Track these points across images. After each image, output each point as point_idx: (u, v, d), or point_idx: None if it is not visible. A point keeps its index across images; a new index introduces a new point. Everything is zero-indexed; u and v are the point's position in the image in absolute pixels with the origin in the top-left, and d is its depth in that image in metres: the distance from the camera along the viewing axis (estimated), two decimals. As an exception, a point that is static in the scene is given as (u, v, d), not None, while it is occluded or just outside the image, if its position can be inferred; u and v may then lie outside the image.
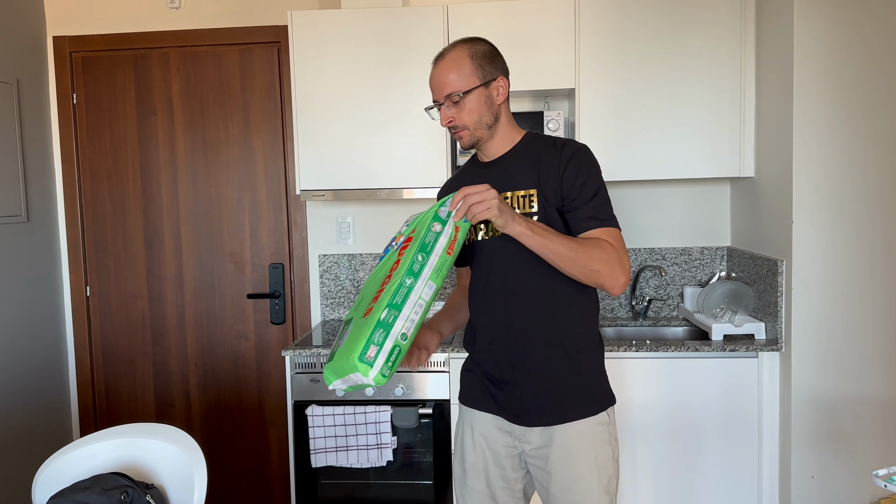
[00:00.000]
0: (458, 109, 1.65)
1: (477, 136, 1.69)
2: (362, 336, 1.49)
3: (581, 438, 1.68)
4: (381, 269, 1.64)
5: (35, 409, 3.08)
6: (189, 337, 3.25)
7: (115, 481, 1.68)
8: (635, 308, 3.05)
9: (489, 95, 1.67)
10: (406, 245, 1.59)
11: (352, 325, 1.59)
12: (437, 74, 1.66)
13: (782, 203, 2.49)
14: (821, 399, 2.44)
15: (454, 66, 1.65)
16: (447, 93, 1.65)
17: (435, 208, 1.59)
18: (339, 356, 1.54)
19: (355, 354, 1.48)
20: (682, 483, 2.57)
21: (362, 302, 1.62)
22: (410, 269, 1.53)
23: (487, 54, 1.68)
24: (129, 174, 3.22)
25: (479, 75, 1.65)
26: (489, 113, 1.67)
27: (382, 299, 1.52)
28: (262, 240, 3.21)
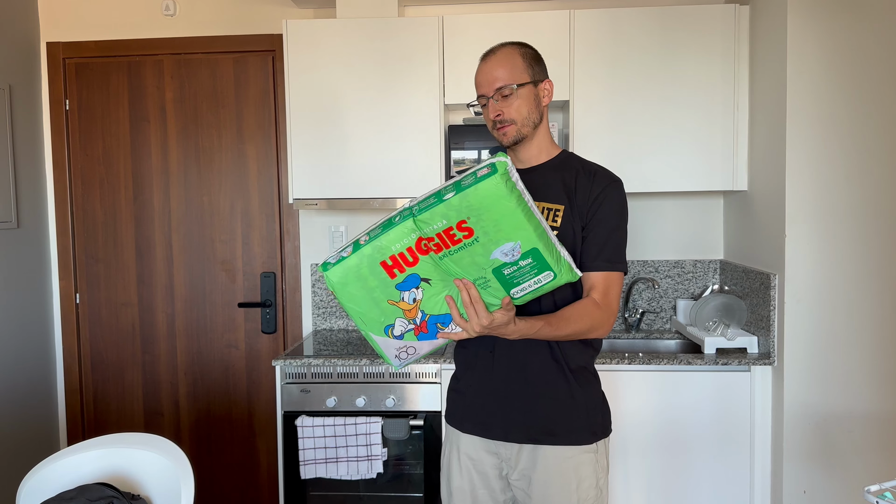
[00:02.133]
0: (508, 104, 1.66)
1: (523, 132, 1.68)
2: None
3: (564, 465, 1.66)
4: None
5: (22, 417, 3.04)
6: (179, 345, 3.23)
7: (101, 492, 1.66)
8: (628, 320, 3.05)
9: (537, 95, 1.69)
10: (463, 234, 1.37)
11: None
12: (489, 69, 1.67)
13: (775, 217, 2.49)
14: (813, 413, 2.43)
15: (506, 61, 1.66)
16: (498, 86, 1.65)
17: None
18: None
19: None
20: (674, 497, 2.56)
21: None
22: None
23: (536, 57, 1.71)
24: (120, 181, 3.21)
25: (530, 73, 1.68)
26: (536, 111, 1.69)
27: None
28: (254, 248, 3.20)
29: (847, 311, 2.41)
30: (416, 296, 1.45)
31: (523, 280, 1.43)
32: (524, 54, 1.69)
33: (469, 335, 1.47)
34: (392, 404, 2.59)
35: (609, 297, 1.62)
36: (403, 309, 1.47)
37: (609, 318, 1.62)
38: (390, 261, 1.41)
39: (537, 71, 1.70)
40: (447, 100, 2.76)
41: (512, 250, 1.38)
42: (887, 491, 1.63)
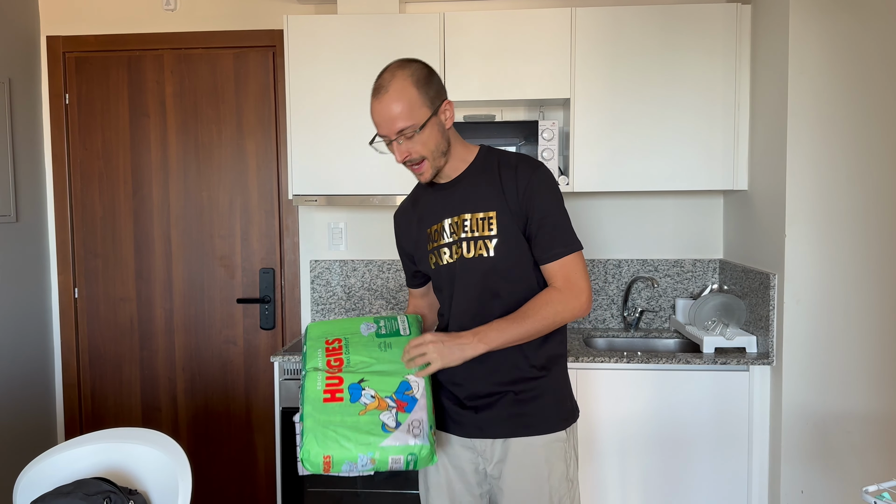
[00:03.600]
0: (413, 143, 1.57)
1: (436, 166, 1.63)
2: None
3: (535, 454, 1.66)
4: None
5: (19, 411, 3.04)
6: (177, 341, 3.22)
7: (98, 486, 1.66)
8: (627, 319, 3.05)
9: (440, 122, 1.60)
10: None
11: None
12: (384, 109, 1.55)
13: (775, 217, 2.49)
14: (811, 413, 2.43)
15: (401, 98, 1.54)
16: (399, 129, 1.55)
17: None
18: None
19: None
20: (671, 496, 2.56)
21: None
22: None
23: (427, 78, 1.59)
24: (120, 176, 3.20)
25: (428, 104, 1.57)
26: (443, 140, 1.62)
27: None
28: (253, 244, 3.19)
29: (846, 312, 2.41)
30: (370, 393, 1.55)
31: (396, 325, 1.69)
32: (417, 81, 1.56)
33: (438, 364, 1.53)
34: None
35: (572, 278, 1.60)
36: (373, 408, 1.54)
37: (577, 296, 1.60)
38: (327, 394, 1.54)
39: (434, 95, 1.59)
40: (448, 96, 2.75)
41: (366, 325, 1.68)
42: (885, 491, 1.63)
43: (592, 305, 3.09)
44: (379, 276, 3.15)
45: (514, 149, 2.73)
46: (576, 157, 2.73)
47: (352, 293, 3.16)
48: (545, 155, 2.71)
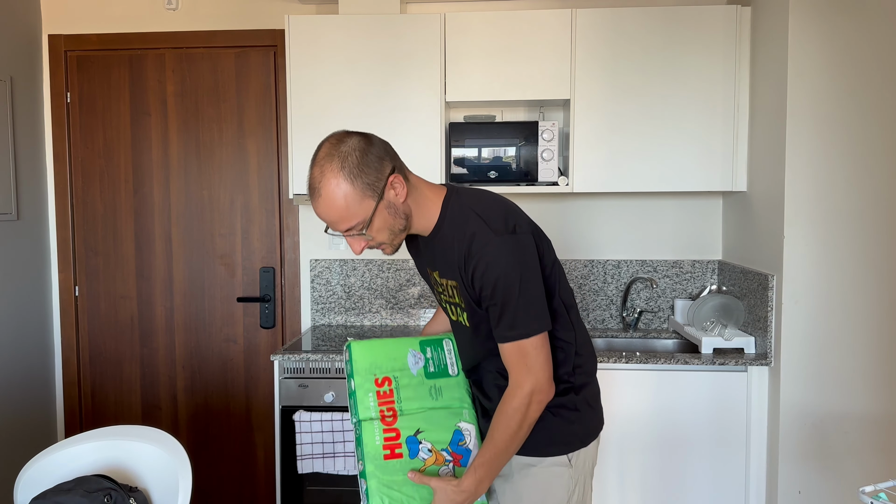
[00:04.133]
0: (367, 235, 1.45)
1: (397, 243, 1.50)
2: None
3: (534, 474, 1.58)
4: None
5: (20, 408, 3.05)
6: (178, 339, 3.23)
7: (99, 483, 1.66)
8: (626, 320, 3.06)
9: (389, 203, 1.43)
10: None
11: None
12: (322, 212, 1.42)
13: (774, 218, 2.50)
14: (809, 414, 2.44)
15: (335, 201, 1.39)
16: (345, 229, 1.43)
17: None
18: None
19: None
20: (670, 495, 2.57)
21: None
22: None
23: (361, 161, 1.40)
24: (121, 174, 3.21)
25: (370, 193, 1.40)
26: (399, 219, 1.46)
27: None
28: (253, 243, 3.20)
29: (844, 313, 2.42)
30: (427, 447, 1.57)
31: (444, 360, 1.69)
32: (350, 173, 1.38)
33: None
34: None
35: (520, 369, 1.45)
36: (432, 463, 1.57)
37: (530, 388, 1.45)
38: (386, 450, 1.55)
39: (374, 179, 1.40)
40: (448, 97, 2.77)
41: (413, 356, 1.66)
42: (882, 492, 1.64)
43: (590, 305, 3.10)
44: (379, 276, 3.16)
45: (514, 150, 2.74)
46: (575, 157, 2.74)
47: (352, 292, 3.17)
48: (545, 155, 2.72)
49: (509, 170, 2.75)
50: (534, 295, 1.45)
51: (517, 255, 1.44)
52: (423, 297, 3.15)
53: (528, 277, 1.44)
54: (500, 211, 1.49)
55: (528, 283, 1.44)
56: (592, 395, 1.64)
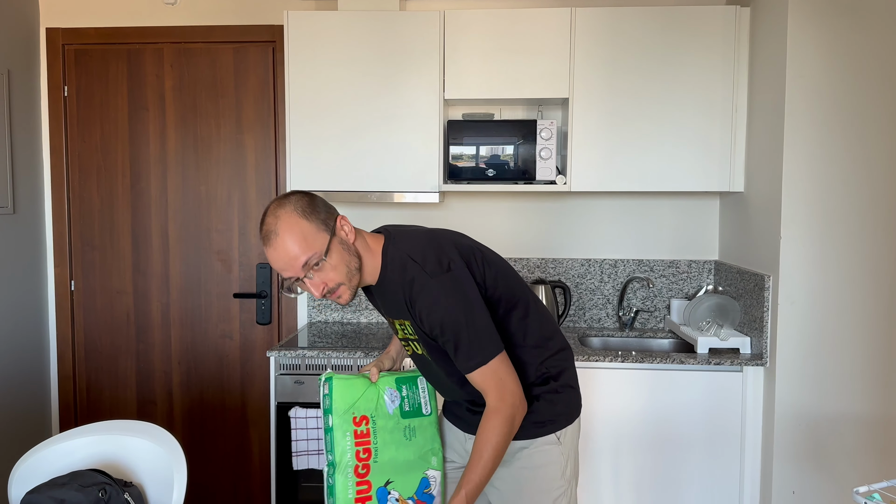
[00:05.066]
0: (324, 272, 1.50)
1: (353, 285, 1.55)
2: None
3: (527, 456, 1.68)
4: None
5: (14, 402, 3.04)
6: (174, 335, 3.23)
7: (94, 478, 1.66)
8: (622, 319, 3.06)
9: (341, 240, 1.52)
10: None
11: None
12: (281, 251, 1.47)
13: (771, 219, 2.50)
14: (803, 415, 2.45)
15: (294, 234, 1.46)
16: (303, 262, 1.48)
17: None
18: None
19: None
20: (664, 495, 2.57)
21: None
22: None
23: (310, 205, 1.51)
24: (118, 169, 3.20)
25: (323, 228, 1.50)
26: (353, 257, 1.54)
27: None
28: (250, 239, 3.20)
29: (840, 314, 2.42)
30: (395, 496, 1.69)
31: (418, 398, 1.75)
32: (303, 211, 1.48)
33: None
34: (385, 397, 2.59)
35: (492, 392, 1.54)
36: None
37: (506, 407, 1.54)
38: (358, 503, 1.66)
39: (325, 217, 1.51)
40: (447, 95, 2.77)
41: (390, 394, 1.72)
42: (876, 492, 1.65)
43: (586, 304, 3.10)
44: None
45: (512, 148, 2.74)
46: (574, 156, 2.74)
47: (348, 289, 3.17)
48: (543, 154, 2.72)
49: (507, 168, 2.76)
50: (480, 324, 1.53)
51: (455, 293, 1.52)
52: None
53: (471, 309, 1.52)
54: (432, 251, 1.56)
55: (472, 314, 1.52)
56: (570, 376, 1.74)
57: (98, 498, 1.62)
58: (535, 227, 3.11)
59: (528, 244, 3.12)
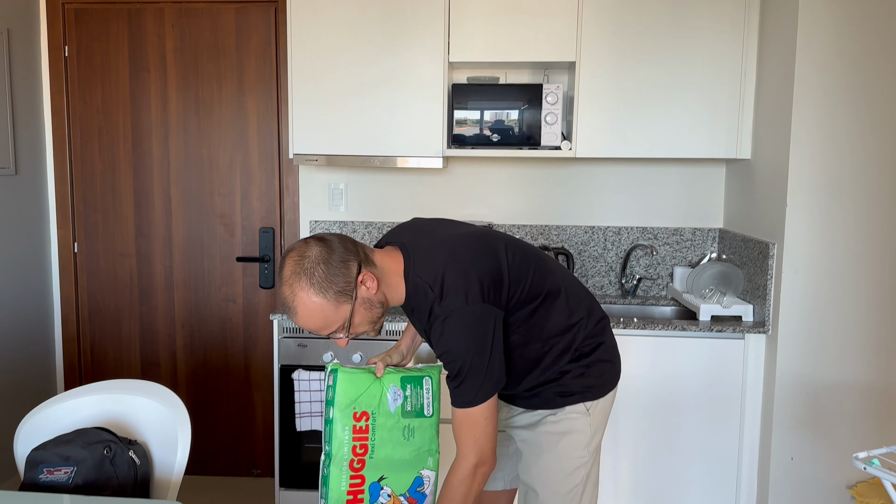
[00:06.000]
0: (349, 330, 1.52)
1: (379, 326, 1.58)
2: None
3: (552, 422, 1.68)
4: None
5: (19, 364, 3.06)
6: (177, 298, 3.24)
7: (98, 436, 1.68)
8: (625, 286, 3.06)
9: (364, 299, 1.49)
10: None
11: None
12: (304, 326, 1.49)
13: (777, 186, 2.48)
14: (804, 382, 2.46)
15: (312, 317, 1.46)
16: (329, 334, 1.51)
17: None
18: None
19: None
20: (662, 460, 2.60)
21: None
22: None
23: (327, 270, 1.44)
24: (119, 131, 3.18)
25: (343, 298, 1.46)
26: (376, 308, 1.53)
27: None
28: (252, 203, 3.19)
29: (843, 283, 2.42)
30: (388, 492, 1.71)
31: (421, 399, 1.73)
32: (319, 286, 1.43)
33: None
34: (388, 361, 2.60)
35: (466, 439, 1.54)
36: None
37: (475, 461, 1.54)
38: (350, 496, 1.68)
39: (343, 285, 1.45)
40: (452, 57, 2.73)
41: (394, 392, 1.70)
42: (875, 458, 1.66)
43: (590, 271, 3.10)
44: (379, 239, 3.15)
45: (517, 113, 2.71)
46: (579, 122, 2.71)
47: (351, 254, 3.16)
48: (548, 119, 2.69)
49: (512, 134, 2.73)
50: (481, 367, 1.49)
51: (468, 328, 1.48)
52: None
53: (480, 348, 1.49)
54: (452, 279, 1.50)
55: (479, 354, 1.49)
56: (606, 350, 1.71)
57: (103, 455, 1.63)
58: (538, 193, 3.10)
59: (531, 211, 3.11)
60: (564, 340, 1.63)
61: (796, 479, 2.48)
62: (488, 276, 1.52)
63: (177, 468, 1.76)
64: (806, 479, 2.48)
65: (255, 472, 3.30)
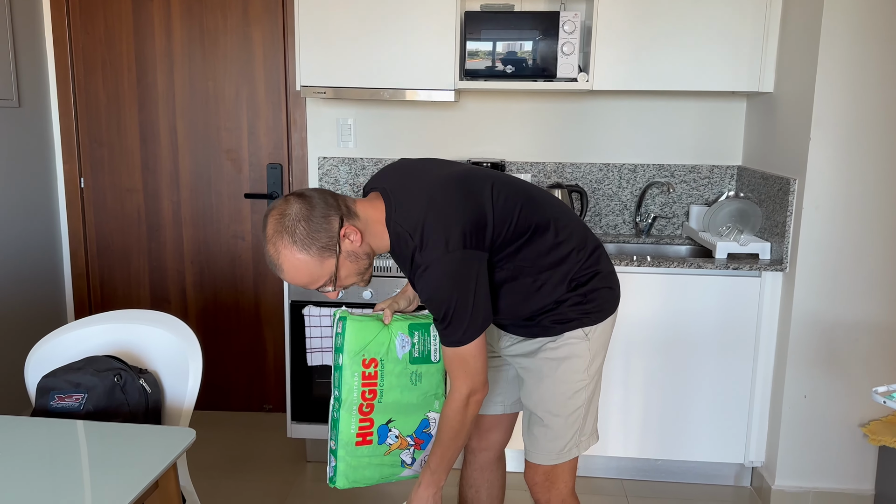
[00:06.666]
0: (337, 282, 1.52)
1: (368, 276, 1.57)
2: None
3: (552, 348, 1.67)
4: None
5: (29, 301, 3.06)
6: (185, 234, 3.21)
7: (109, 363, 1.67)
8: (639, 225, 3.00)
9: (349, 252, 1.49)
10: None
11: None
12: (291, 282, 1.49)
13: (800, 120, 2.40)
14: (820, 320, 2.42)
15: (298, 272, 1.46)
16: (317, 288, 1.51)
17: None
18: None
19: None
20: (672, 398, 2.59)
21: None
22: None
23: (308, 226, 1.44)
24: (123, 63, 3.10)
25: (327, 253, 1.46)
26: (362, 259, 1.52)
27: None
28: (260, 138, 3.12)
29: (864, 220, 2.36)
30: (395, 433, 1.75)
31: (428, 346, 1.74)
32: (302, 242, 1.43)
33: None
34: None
35: (458, 373, 1.56)
36: (396, 447, 1.76)
37: (467, 391, 1.56)
38: (359, 437, 1.72)
39: (326, 241, 1.45)
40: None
41: (401, 339, 1.71)
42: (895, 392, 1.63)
43: (602, 210, 3.05)
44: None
45: (531, 44, 2.62)
46: (597, 52, 2.62)
47: (360, 192, 3.11)
48: (565, 49, 2.60)
49: (526, 66, 2.64)
50: (466, 311, 1.50)
51: (450, 276, 1.48)
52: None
53: (463, 292, 1.49)
54: (432, 228, 1.48)
55: (463, 297, 1.49)
56: (603, 278, 1.69)
57: (114, 383, 1.62)
58: (552, 130, 3.02)
59: (545, 148, 3.03)
60: (559, 273, 1.62)
61: (808, 417, 2.47)
62: (470, 221, 1.50)
63: (188, 397, 1.75)
64: (818, 417, 2.47)
65: (267, 407, 3.33)
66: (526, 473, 1.76)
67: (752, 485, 2.70)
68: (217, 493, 2.61)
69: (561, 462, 1.71)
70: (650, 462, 2.72)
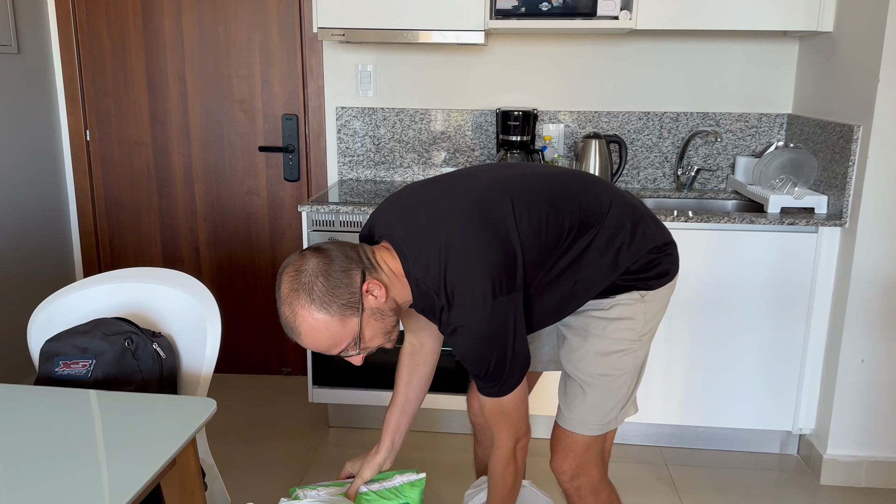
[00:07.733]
0: (362, 344, 1.35)
1: (394, 336, 1.39)
2: None
3: (604, 306, 1.51)
4: None
5: (35, 260, 2.92)
6: (197, 190, 3.04)
7: (118, 326, 1.52)
8: (680, 178, 2.81)
9: (373, 308, 1.32)
10: None
11: None
12: (311, 347, 1.32)
13: (867, 61, 2.19)
14: (883, 280, 2.24)
15: (318, 337, 1.29)
16: (338, 352, 1.33)
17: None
18: None
19: None
20: (718, 362, 2.43)
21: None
22: None
23: (327, 282, 1.27)
24: (128, 6, 2.90)
25: (349, 312, 1.29)
26: (388, 317, 1.35)
27: None
28: (274, 87, 2.93)
29: (935, 170, 2.16)
30: None
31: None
32: (321, 302, 1.26)
33: None
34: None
35: (500, 424, 1.46)
36: None
37: (513, 442, 1.47)
38: None
39: (348, 298, 1.28)
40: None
41: None
42: None
43: (642, 163, 2.85)
44: (411, 127, 2.90)
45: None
46: (641, -12, 2.40)
47: (381, 145, 2.93)
48: (607, -16, 2.38)
49: (565, 2, 2.42)
50: (505, 362, 1.38)
51: (484, 334, 1.35)
52: (450, 159, 2.91)
53: (500, 346, 1.36)
54: (457, 283, 1.32)
55: (501, 351, 1.36)
56: (656, 249, 1.51)
57: (124, 347, 1.48)
58: (589, 76, 2.81)
59: (580, 96, 2.83)
60: (602, 268, 1.46)
61: (866, 382, 2.31)
62: (497, 264, 1.32)
63: (206, 363, 1.61)
64: (876, 382, 2.31)
65: (286, 371, 3.20)
66: (553, 461, 1.60)
67: (798, 453, 2.56)
68: (235, 462, 2.50)
69: (598, 434, 1.55)
70: (691, 429, 2.58)
